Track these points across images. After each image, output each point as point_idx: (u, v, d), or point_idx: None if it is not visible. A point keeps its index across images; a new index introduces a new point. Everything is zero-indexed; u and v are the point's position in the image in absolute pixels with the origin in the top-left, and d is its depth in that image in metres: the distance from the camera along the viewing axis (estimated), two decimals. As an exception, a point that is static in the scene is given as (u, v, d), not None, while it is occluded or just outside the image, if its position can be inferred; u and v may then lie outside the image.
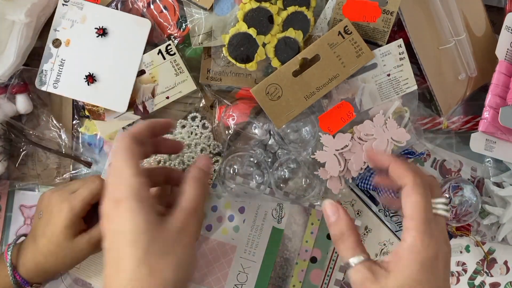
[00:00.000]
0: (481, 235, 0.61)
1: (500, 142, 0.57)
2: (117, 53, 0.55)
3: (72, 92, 0.56)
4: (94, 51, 0.55)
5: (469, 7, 0.57)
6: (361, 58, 0.53)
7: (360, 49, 0.53)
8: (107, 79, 0.55)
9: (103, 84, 0.55)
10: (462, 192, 0.58)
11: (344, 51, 0.53)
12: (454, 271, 0.62)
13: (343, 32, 0.52)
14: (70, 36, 0.55)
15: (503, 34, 0.56)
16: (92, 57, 0.55)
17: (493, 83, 0.56)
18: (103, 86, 0.55)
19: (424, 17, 0.55)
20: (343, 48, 0.52)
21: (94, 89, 0.55)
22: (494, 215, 0.59)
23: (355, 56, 0.53)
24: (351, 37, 0.52)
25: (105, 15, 0.55)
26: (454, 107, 0.58)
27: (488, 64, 0.57)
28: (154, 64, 0.56)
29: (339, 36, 0.52)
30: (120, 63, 0.55)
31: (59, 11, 0.55)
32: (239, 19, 0.52)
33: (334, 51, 0.52)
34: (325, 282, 0.60)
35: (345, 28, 0.52)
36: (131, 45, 0.55)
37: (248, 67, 0.53)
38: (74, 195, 0.51)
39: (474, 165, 0.62)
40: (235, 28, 0.52)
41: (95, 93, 0.55)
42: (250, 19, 0.52)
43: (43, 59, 0.55)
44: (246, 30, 0.52)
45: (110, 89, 0.55)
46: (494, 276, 0.63)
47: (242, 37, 0.52)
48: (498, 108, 0.55)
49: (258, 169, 0.59)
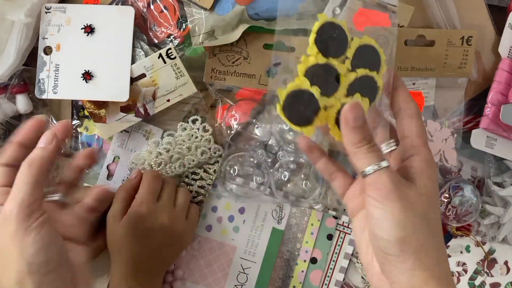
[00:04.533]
0: (481, 235, 0.61)
1: (501, 140, 0.57)
2: (108, 45, 0.56)
3: (73, 94, 0.56)
4: (85, 49, 0.56)
5: (471, 7, 0.57)
6: (461, 71, 0.54)
7: (466, 63, 0.54)
8: (104, 72, 0.56)
9: (101, 78, 0.55)
10: (462, 192, 0.57)
11: (454, 56, 0.54)
12: (455, 271, 0.62)
13: (466, 40, 0.54)
14: (59, 40, 0.55)
15: (506, 32, 0.56)
16: (84, 55, 0.55)
17: (495, 80, 0.56)
18: (101, 81, 0.55)
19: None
20: (455, 52, 0.54)
21: (93, 85, 0.55)
22: (494, 215, 0.59)
23: (457, 67, 0.54)
24: (467, 49, 0.54)
25: (89, 12, 0.56)
26: (451, 111, 0.58)
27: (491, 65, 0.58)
28: (155, 68, 0.56)
29: (460, 40, 0.54)
30: (113, 54, 0.56)
31: (43, 19, 0.55)
32: (300, 73, 0.42)
33: (447, 48, 0.54)
34: (325, 283, 0.60)
35: (469, 37, 0.54)
36: (119, 34, 0.56)
37: (305, 132, 0.42)
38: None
39: (475, 165, 0.62)
40: (294, 83, 0.42)
41: (95, 89, 0.55)
42: (314, 76, 0.42)
43: (38, 68, 0.55)
44: (308, 88, 0.42)
45: (108, 82, 0.56)
46: (495, 276, 0.62)
47: (302, 96, 0.42)
48: (499, 105, 0.55)
49: (259, 170, 0.59)
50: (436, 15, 0.56)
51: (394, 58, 0.47)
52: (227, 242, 0.60)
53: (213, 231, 0.60)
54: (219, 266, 0.60)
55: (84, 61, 0.55)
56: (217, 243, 0.60)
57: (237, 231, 0.60)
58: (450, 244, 0.62)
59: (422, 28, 0.55)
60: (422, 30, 0.55)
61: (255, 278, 0.60)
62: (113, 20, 0.56)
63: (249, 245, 0.60)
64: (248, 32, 0.55)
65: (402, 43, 0.54)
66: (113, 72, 0.56)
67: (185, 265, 0.59)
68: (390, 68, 0.43)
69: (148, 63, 0.56)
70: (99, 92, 0.55)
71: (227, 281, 0.60)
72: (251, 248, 0.60)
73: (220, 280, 0.60)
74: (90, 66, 0.55)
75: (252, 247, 0.60)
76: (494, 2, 0.58)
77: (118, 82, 0.56)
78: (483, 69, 0.58)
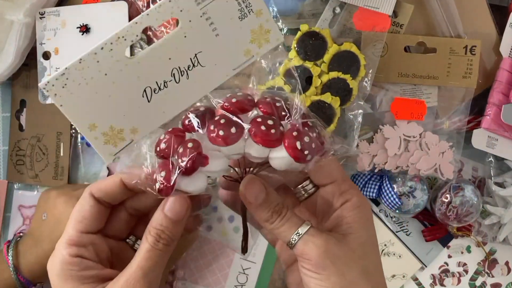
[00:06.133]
0: (482, 236, 0.61)
1: (502, 140, 0.57)
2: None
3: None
4: (84, 49, 0.55)
5: (472, 6, 0.56)
6: (466, 81, 0.54)
7: (471, 72, 0.54)
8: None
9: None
10: (463, 192, 0.57)
11: (458, 64, 0.54)
12: (455, 271, 0.62)
13: (469, 50, 0.53)
14: (56, 44, 0.55)
15: (507, 31, 0.56)
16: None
17: (496, 80, 0.56)
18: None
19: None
20: (459, 61, 0.54)
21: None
22: (495, 215, 0.59)
23: (462, 76, 0.54)
24: (471, 58, 0.53)
25: (83, 12, 0.56)
26: (451, 111, 0.57)
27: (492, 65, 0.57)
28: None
29: (463, 49, 0.54)
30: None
31: (38, 25, 0.55)
32: (280, 73, 0.50)
33: (449, 57, 0.53)
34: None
35: (473, 46, 0.53)
36: (115, 30, 0.56)
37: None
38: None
39: (475, 165, 0.62)
40: (272, 81, 0.50)
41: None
42: (289, 76, 0.50)
43: (39, 74, 0.56)
44: (282, 86, 0.50)
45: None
46: (496, 277, 0.62)
47: (276, 92, 0.48)
48: (501, 105, 0.55)
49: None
50: (436, 13, 0.55)
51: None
52: (227, 242, 0.60)
53: (213, 231, 0.60)
54: (219, 266, 0.60)
55: (83, 61, 0.55)
56: (217, 243, 0.60)
57: (237, 231, 0.60)
58: (450, 244, 0.62)
59: (422, 36, 0.54)
60: (422, 37, 0.54)
61: (255, 278, 0.59)
62: (107, 17, 0.55)
63: (249, 245, 0.60)
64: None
65: (402, 49, 0.54)
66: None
67: (185, 265, 0.59)
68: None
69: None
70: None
71: (227, 281, 0.59)
72: (251, 249, 0.60)
73: (220, 280, 0.60)
74: (90, 65, 0.55)
75: (252, 248, 0.60)
76: (495, 2, 0.58)
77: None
78: (484, 69, 0.57)
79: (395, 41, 0.53)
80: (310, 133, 0.33)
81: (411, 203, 0.57)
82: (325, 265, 0.33)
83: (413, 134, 0.55)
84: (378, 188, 0.58)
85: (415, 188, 0.57)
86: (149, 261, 0.34)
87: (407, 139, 0.55)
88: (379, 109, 0.56)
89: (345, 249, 0.34)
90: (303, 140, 0.32)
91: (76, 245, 0.35)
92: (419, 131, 0.55)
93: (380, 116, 0.56)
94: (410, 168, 0.55)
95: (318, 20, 0.54)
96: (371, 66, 0.52)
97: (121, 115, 0.34)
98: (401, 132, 0.55)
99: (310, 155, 0.33)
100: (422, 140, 0.55)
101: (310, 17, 0.55)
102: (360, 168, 0.55)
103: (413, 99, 0.55)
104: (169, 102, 0.34)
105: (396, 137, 0.55)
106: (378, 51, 0.52)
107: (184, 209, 0.34)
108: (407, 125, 0.55)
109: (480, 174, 0.62)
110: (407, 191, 0.57)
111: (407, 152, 0.55)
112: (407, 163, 0.55)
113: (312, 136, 0.33)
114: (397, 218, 0.61)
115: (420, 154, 0.55)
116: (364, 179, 0.58)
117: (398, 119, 0.55)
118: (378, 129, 0.55)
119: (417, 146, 0.55)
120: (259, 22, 0.35)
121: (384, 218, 0.61)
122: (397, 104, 0.54)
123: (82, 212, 0.36)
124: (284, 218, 0.34)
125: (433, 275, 0.62)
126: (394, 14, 0.53)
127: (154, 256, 0.34)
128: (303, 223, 0.34)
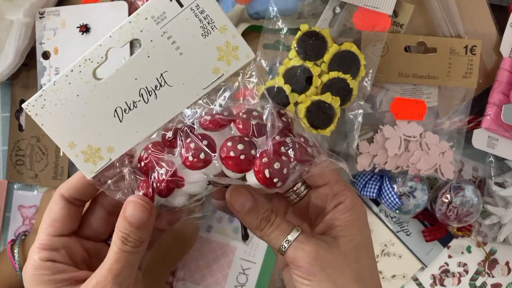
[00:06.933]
0: (482, 236, 0.61)
1: (502, 140, 0.57)
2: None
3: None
4: (83, 49, 0.55)
5: (472, 6, 0.56)
6: (467, 80, 0.54)
7: (471, 72, 0.54)
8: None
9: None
10: (463, 192, 0.57)
11: (458, 64, 0.54)
12: (456, 272, 0.62)
13: (470, 50, 0.53)
14: (56, 44, 0.55)
15: (508, 31, 0.56)
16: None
17: (497, 80, 0.56)
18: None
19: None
20: (459, 61, 0.54)
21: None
22: (495, 215, 0.59)
23: (462, 76, 0.54)
24: (472, 58, 0.53)
25: (83, 12, 0.55)
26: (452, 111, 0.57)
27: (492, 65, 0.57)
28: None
29: (464, 49, 0.53)
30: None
31: (38, 25, 0.55)
32: (280, 73, 0.51)
33: (450, 57, 0.53)
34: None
35: (473, 46, 0.53)
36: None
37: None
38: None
39: (476, 165, 0.62)
40: (272, 81, 0.51)
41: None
42: (289, 76, 0.50)
43: (38, 74, 0.56)
44: (282, 85, 0.50)
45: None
46: (496, 277, 0.62)
47: (276, 91, 0.50)
48: (501, 105, 0.55)
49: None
50: (436, 13, 0.55)
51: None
52: (227, 242, 0.60)
53: (213, 232, 0.60)
54: (219, 267, 0.60)
55: (83, 61, 0.55)
56: (217, 243, 0.60)
57: (237, 232, 0.60)
58: (451, 245, 0.62)
59: (422, 36, 0.54)
60: (422, 37, 0.54)
61: (255, 278, 0.59)
62: (107, 17, 0.55)
63: (249, 245, 0.60)
64: (248, 32, 0.55)
65: (402, 49, 0.54)
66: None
67: (185, 266, 0.59)
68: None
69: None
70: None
71: (227, 281, 0.59)
72: (251, 249, 0.60)
73: (220, 280, 0.59)
74: (89, 65, 0.55)
75: (252, 248, 0.60)
76: (495, 2, 0.58)
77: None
78: (484, 69, 0.57)
79: (395, 41, 0.53)
80: (283, 156, 0.32)
81: (411, 203, 0.57)
82: (315, 272, 0.32)
83: (414, 134, 0.55)
84: (378, 188, 0.58)
85: (415, 188, 0.57)
86: (118, 262, 0.33)
87: (407, 139, 0.55)
88: (379, 109, 0.56)
89: (337, 253, 0.33)
90: (272, 167, 0.31)
91: (47, 249, 0.35)
92: (420, 131, 0.55)
93: (380, 116, 0.56)
94: (410, 168, 0.55)
95: (318, 20, 0.54)
96: (371, 66, 0.52)
97: (97, 134, 0.34)
98: (401, 132, 0.55)
99: (280, 182, 0.32)
100: (422, 140, 0.55)
101: (310, 17, 0.55)
102: (360, 168, 0.55)
103: (413, 99, 0.55)
104: (140, 122, 0.34)
105: (396, 137, 0.55)
106: (378, 51, 0.52)
107: (146, 215, 0.33)
108: (407, 125, 0.55)
109: (481, 174, 0.62)
110: (407, 191, 0.57)
111: (407, 152, 0.55)
112: (407, 163, 0.55)
113: (284, 161, 0.32)
114: (397, 218, 0.61)
115: (421, 154, 0.55)
116: (364, 179, 0.58)
117: (398, 119, 0.55)
118: (378, 129, 0.55)
119: (418, 146, 0.55)
120: (225, 39, 0.34)
121: (384, 218, 0.61)
122: (397, 104, 0.54)
123: (52, 215, 0.35)
124: (273, 225, 0.34)
125: (434, 275, 0.62)
126: (394, 14, 0.53)
127: (123, 257, 0.33)
128: (293, 229, 0.34)
